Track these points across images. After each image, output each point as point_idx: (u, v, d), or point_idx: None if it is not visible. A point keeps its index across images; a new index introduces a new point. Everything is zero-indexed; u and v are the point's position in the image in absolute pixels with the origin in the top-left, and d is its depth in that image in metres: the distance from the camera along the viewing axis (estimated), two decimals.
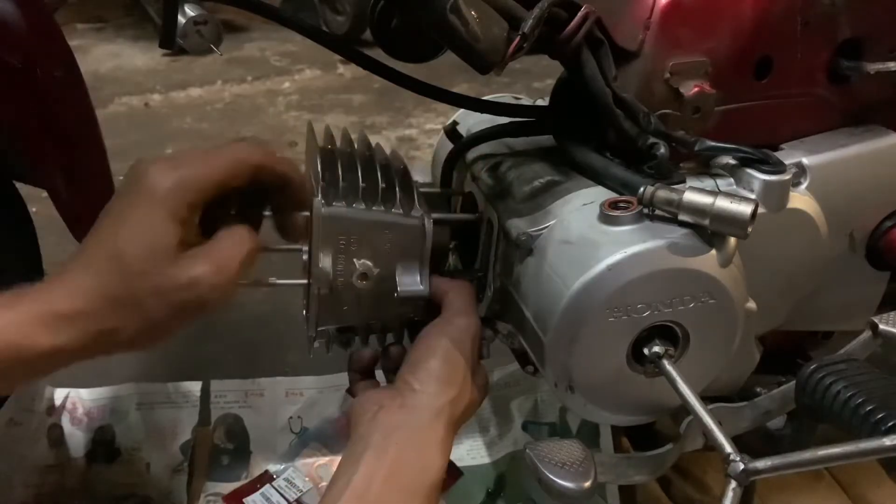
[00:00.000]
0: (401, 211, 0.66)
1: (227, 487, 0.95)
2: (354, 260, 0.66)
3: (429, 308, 0.69)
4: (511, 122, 0.80)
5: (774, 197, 0.68)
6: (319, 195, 0.65)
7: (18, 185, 0.87)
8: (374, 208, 0.66)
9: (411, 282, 0.68)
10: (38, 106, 0.74)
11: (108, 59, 2.78)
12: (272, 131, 2.21)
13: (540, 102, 0.88)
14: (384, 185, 0.68)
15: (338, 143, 0.76)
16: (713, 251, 0.62)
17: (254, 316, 1.41)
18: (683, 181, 0.68)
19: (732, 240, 0.63)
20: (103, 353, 0.54)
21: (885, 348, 0.70)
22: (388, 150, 0.77)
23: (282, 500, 0.93)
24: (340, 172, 0.67)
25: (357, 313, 0.69)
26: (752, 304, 0.67)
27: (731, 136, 0.69)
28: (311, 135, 0.74)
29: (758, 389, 0.76)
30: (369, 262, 0.67)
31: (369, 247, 0.66)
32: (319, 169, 0.67)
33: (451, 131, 0.85)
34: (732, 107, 0.71)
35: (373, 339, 0.74)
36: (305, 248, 0.73)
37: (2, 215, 0.85)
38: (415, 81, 0.76)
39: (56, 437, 0.98)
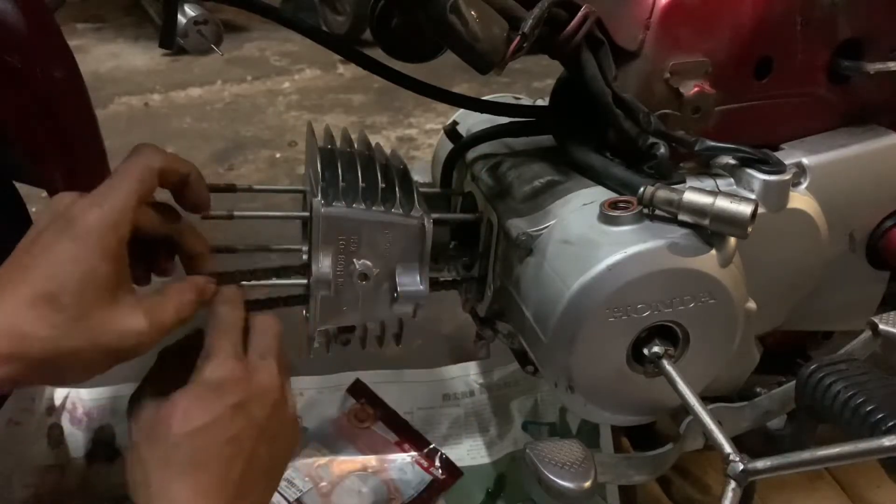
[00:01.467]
0: (401, 211, 0.66)
1: None
2: (354, 260, 0.66)
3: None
4: (511, 122, 0.80)
5: (774, 197, 0.68)
6: (319, 195, 0.65)
7: (18, 185, 0.87)
8: (373, 208, 0.66)
9: (411, 282, 0.68)
10: (38, 106, 0.74)
11: (108, 59, 2.78)
12: (272, 131, 2.21)
13: (540, 102, 0.88)
14: (384, 185, 0.68)
15: (338, 143, 0.76)
16: (713, 251, 0.62)
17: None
18: (683, 181, 0.68)
19: (732, 240, 0.63)
20: (29, 385, 0.53)
21: (885, 348, 0.70)
22: (387, 150, 0.77)
23: (282, 500, 0.92)
24: (340, 172, 0.67)
25: (356, 313, 0.69)
26: (752, 304, 0.67)
27: (731, 136, 0.69)
28: (311, 135, 0.74)
29: (758, 389, 0.76)
30: (369, 262, 0.66)
31: (369, 247, 0.66)
32: (319, 169, 0.67)
33: (451, 131, 0.85)
34: (732, 107, 0.71)
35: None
36: (304, 248, 0.73)
37: (2, 215, 0.85)
38: (414, 81, 0.76)
39: (56, 437, 0.98)
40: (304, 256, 0.74)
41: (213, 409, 0.53)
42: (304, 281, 0.68)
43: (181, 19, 2.59)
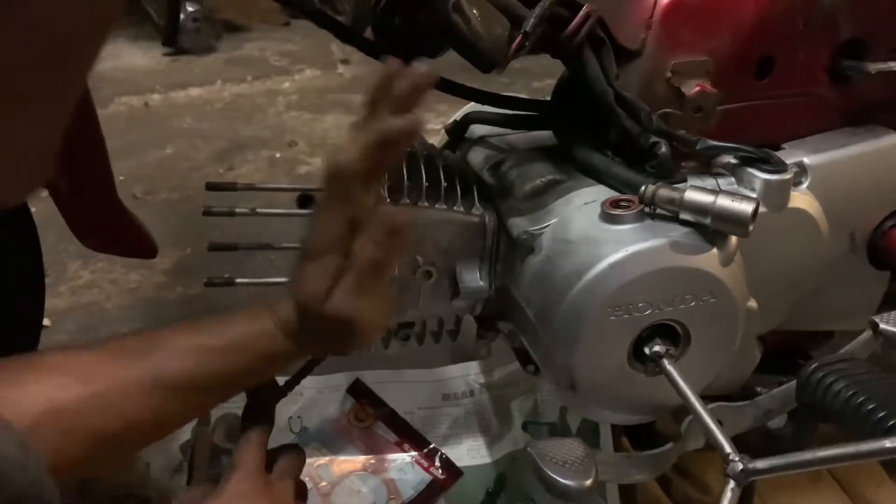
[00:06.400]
0: (462, 209, 0.67)
1: None
2: (417, 257, 0.67)
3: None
4: (515, 114, 0.80)
5: (775, 196, 0.68)
6: (386, 194, 0.66)
7: None
8: (437, 206, 0.67)
9: (472, 279, 0.69)
10: None
11: (108, 58, 2.77)
12: (272, 131, 2.21)
13: None
14: (446, 185, 0.68)
15: None
16: (714, 250, 0.62)
17: None
18: (685, 180, 0.68)
19: (734, 239, 0.63)
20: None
21: (885, 348, 0.70)
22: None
23: None
24: (406, 171, 0.68)
25: (417, 309, 0.70)
26: (752, 304, 0.67)
27: (733, 135, 0.69)
28: None
29: (759, 389, 0.76)
30: (432, 260, 0.67)
31: (432, 244, 0.67)
32: None
33: (452, 130, 0.85)
34: (734, 106, 0.71)
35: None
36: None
37: (2, 215, 0.85)
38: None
39: None
40: None
41: None
42: None
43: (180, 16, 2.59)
